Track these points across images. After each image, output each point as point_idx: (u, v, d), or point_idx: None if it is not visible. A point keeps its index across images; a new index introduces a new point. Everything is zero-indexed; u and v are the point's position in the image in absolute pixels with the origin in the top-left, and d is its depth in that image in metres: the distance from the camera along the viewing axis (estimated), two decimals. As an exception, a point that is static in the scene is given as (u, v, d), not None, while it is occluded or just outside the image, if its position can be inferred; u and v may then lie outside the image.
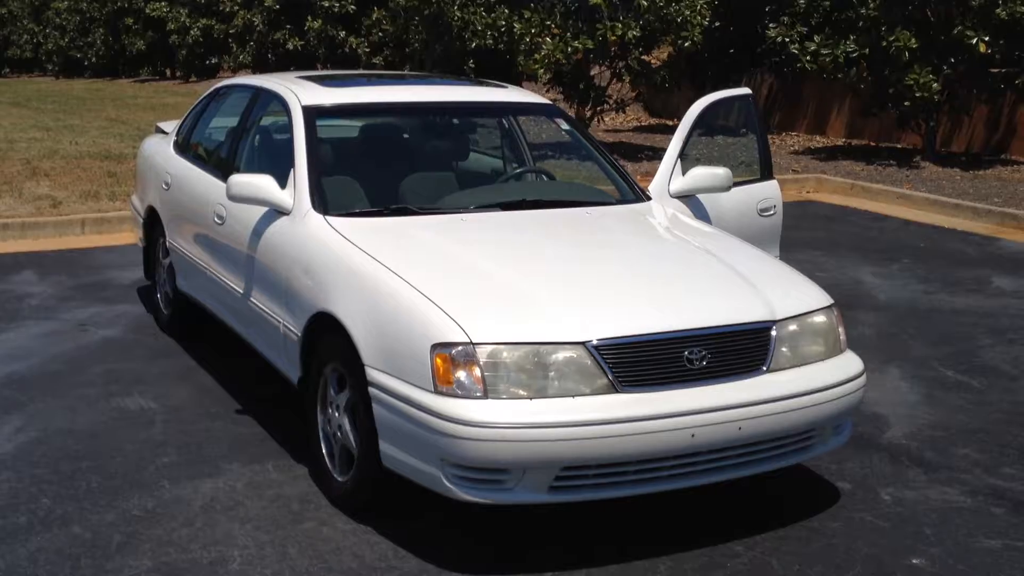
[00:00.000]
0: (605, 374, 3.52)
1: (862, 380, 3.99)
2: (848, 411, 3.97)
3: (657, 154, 13.91)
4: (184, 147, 6.18)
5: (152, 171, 6.43)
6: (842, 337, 4.07)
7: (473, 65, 18.70)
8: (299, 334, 4.25)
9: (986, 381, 5.65)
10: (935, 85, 12.80)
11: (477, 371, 3.46)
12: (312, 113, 4.91)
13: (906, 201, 11.24)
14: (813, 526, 3.97)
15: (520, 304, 3.71)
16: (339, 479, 4.03)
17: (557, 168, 6.51)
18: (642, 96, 18.56)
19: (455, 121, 5.74)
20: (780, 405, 3.69)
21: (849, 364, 4.00)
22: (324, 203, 4.51)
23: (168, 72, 35.00)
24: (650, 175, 6.28)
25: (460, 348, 3.48)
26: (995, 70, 13.27)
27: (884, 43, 12.94)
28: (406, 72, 16.97)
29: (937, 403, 5.32)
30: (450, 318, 3.56)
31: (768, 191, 5.76)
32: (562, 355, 3.52)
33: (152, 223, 6.37)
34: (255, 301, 4.74)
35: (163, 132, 6.80)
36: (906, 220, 10.46)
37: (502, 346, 3.49)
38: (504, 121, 5.94)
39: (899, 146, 15.04)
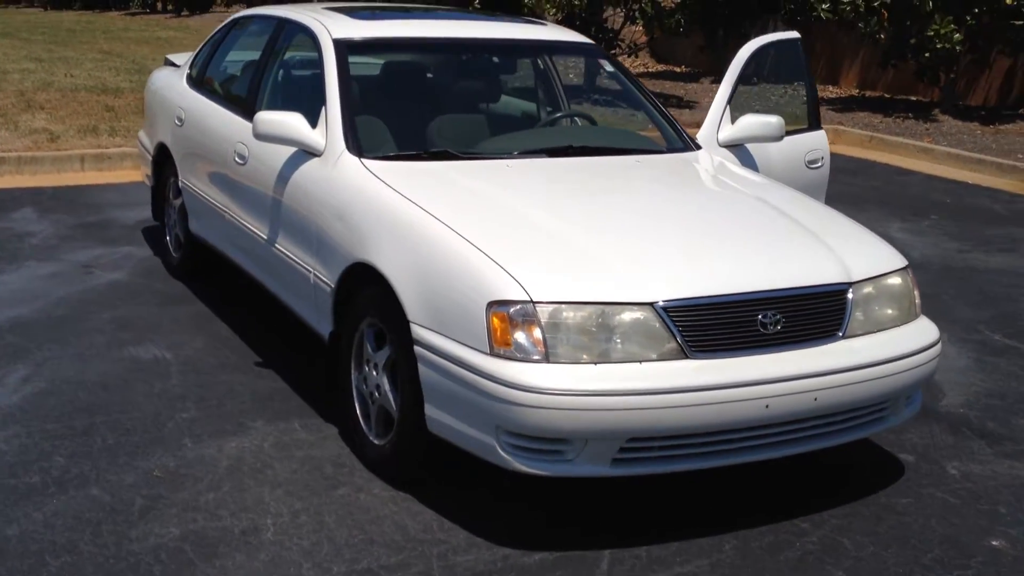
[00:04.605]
0: (674, 338, 3.25)
1: (938, 348, 3.73)
2: (924, 380, 3.71)
3: (666, 101, 13.54)
4: (199, 81, 5.81)
5: (163, 106, 6.06)
6: (917, 301, 3.80)
7: (478, 6, 18.15)
8: (332, 285, 3.95)
9: (1038, 347, 5.42)
10: (957, 36, 12.43)
11: (537, 332, 3.17)
12: (344, 47, 4.57)
13: (927, 155, 10.95)
14: (881, 502, 3.73)
15: (581, 260, 3.41)
16: (376, 442, 3.76)
17: (595, 113, 6.16)
18: (650, 41, 18.12)
19: (494, 59, 5.39)
20: (858, 374, 3.42)
21: (925, 330, 3.73)
22: (359, 145, 4.18)
23: (158, 5, 34.21)
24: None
25: (519, 307, 3.19)
26: (1019, 22, 12.88)
27: (907, -9, 12.55)
28: (437, 7, 16.41)
29: (989, 369, 5.08)
30: (508, 274, 3.26)
31: (816, 142, 5.48)
32: (628, 316, 3.23)
33: (162, 161, 6.02)
34: (280, 248, 4.43)
35: (174, 65, 6.43)
36: (929, 175, 10.18)
37: (564, 305, 3.21)
38: (539, 61, 5.59)
39: (914, 98, 14.69)
